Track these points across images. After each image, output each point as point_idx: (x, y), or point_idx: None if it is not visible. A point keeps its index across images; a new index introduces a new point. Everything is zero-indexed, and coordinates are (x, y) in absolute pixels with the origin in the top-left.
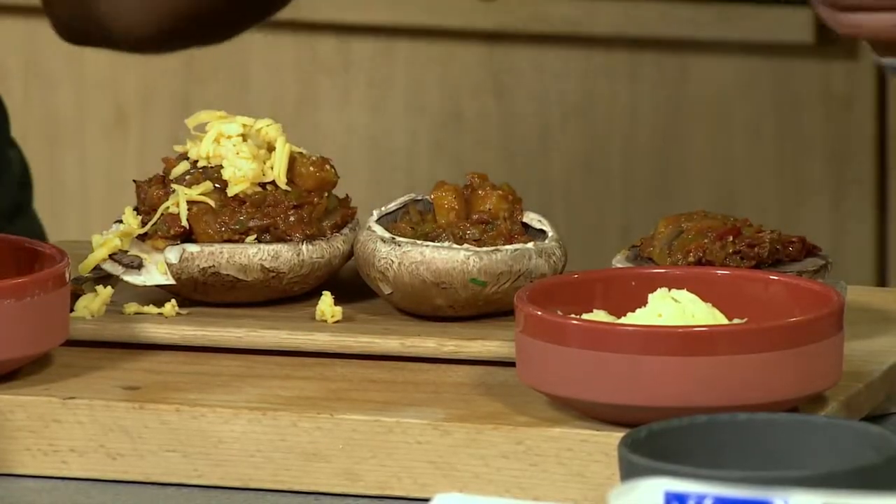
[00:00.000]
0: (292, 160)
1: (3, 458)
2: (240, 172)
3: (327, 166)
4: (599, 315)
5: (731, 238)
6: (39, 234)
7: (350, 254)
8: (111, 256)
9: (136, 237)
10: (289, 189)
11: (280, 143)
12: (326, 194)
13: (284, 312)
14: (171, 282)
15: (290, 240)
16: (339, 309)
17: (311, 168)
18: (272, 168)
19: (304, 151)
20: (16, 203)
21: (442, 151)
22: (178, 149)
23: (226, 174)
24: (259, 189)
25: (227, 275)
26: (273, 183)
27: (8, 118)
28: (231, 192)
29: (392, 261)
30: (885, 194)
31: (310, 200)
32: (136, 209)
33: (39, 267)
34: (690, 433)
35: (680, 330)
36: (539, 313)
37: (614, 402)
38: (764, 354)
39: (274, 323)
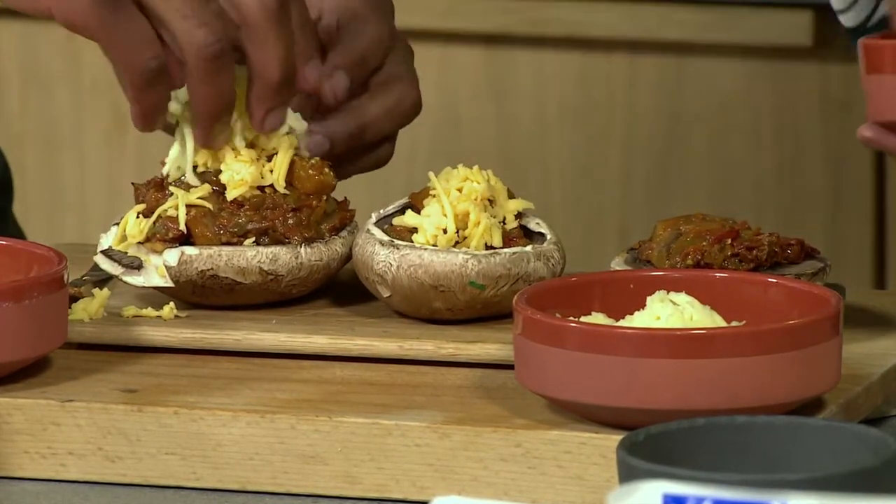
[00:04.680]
0: (291, 164)
1: (2, 460)
2: (238, 176)
3: (326, 170)
4: (598, 318)
5: (729, 241)
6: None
7: (348, 256)
8: (110, 256)
9: None
10: (287, 192)
11: (283, 148)
12: (325, 197)
13: (283, 315)
14: (170, 284)
15: (289, 242)
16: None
17: (311, 171)
18: (271, 172)
19: (305, 154)
20: None
21: (440, 154)
22: None
23: (224, 178)
24: (257, 192)
25: (226, 277)
26: (271, 186)
27: None
28: (230, 196)
29: (391, 264)
30: (883, 197)
31: (308, 203)
32: (140, 214)
33: (37, 270)
34: (689, 436)
35: (678, 332)
36: (537, 316)
37: (613, 404)
38: (762, 357)
39: (272, 326)
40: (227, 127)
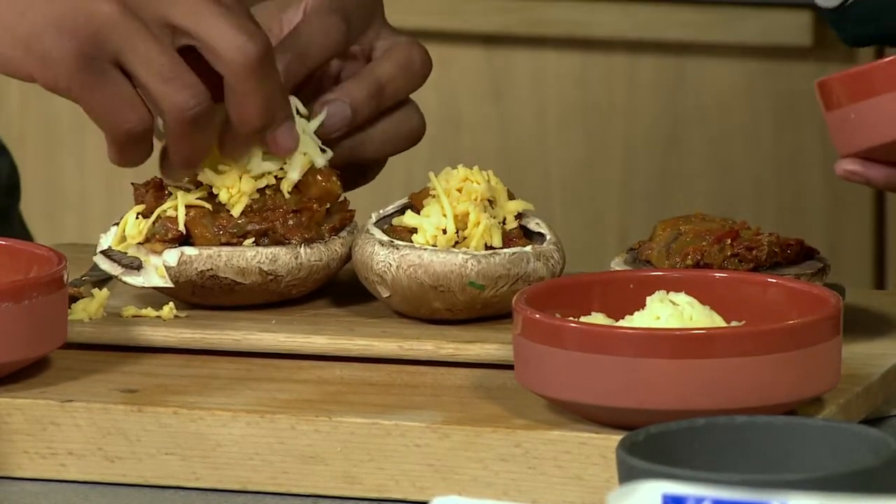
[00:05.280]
0: None
1: (1, 460)
2: (234, 190)
3: (334, 178)
4: (597, 318)
5: (729, 241)
6: (25, 240)
7: (348, 257)
8: (110, 256)
9: None
10: (289, 195)
11: (296, 165)
12: (328, 203)
13: (283, 315)
14: (170, 285)
15: (289, 243)
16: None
17: (319, 178)
18: (276, 178)
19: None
20: (1, 209)
21: (440, 154)
22: None
23: (222, 198)
24: (257, 195)
25: (226, 278)
26: (272, 187)
27: None
28: (235, 213)
29: (390, 264)
30: (882, 197)
31: (309, 206)
32: (139, 214)
33: (37, 270)
34: (688, 436)
35: (678, 333)
36: (537, 316)
37: (612, 404)
38: (762, 357)
39: (272, 326)
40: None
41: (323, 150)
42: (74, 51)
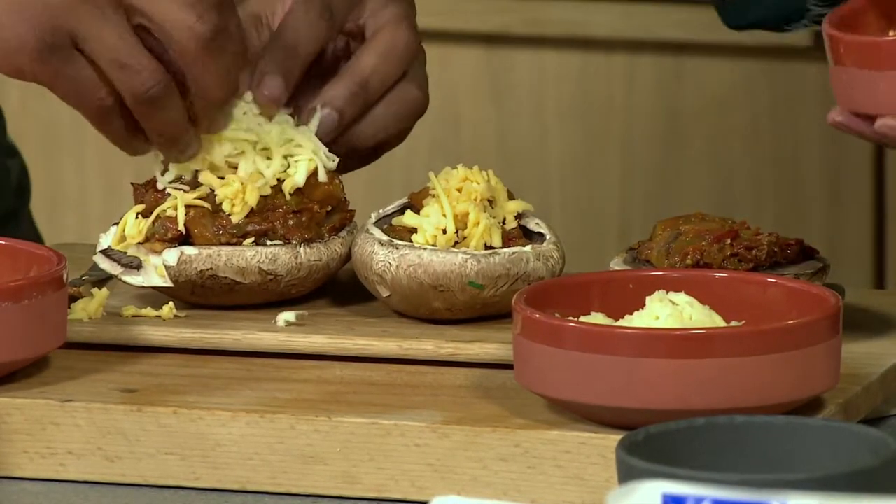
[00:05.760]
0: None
1: (1, 460)
2: (238, 200)
3: (336, 181)
4: (597, 318)
5: (728, 241)
6: (33, 240)
7: (348, 256)
8: (110, 256)
9: None
10: (291, 196)
11: (302, 169)
12: (330, 207)
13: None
14: (169, 284)
15: (289, 243)
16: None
17: (321, 180)
18: (278, 181)
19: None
20: (10, 210)
21: (440, 154)
22: None
23: (225, 207)
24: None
25: (225, 277)
26: (273, 187)
27: (5, 127)
28: (235, 219)
29: (390, 264)
30: (882, 197)
31: (310, 207)
32: (139, 214)
33: (37, 270)
34: (688, 436)
35: (677, 332)
36: (537, 316)
37: (612, 404)
38: (761, 357)
39: (272, 325)
40: (195, 140)
41: (329, 157)
42: (32, 38)
